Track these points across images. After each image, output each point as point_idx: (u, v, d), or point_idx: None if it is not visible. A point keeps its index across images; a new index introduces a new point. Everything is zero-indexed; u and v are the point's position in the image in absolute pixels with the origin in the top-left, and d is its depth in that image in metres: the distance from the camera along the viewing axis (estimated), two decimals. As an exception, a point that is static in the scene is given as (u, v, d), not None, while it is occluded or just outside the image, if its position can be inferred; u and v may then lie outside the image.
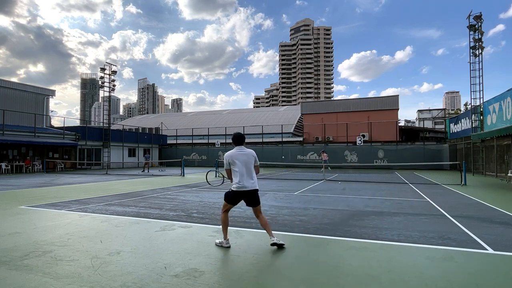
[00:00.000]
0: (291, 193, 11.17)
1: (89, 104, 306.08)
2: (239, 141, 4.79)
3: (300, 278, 3.39)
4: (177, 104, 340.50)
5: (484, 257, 4.14)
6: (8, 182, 15.63)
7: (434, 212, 7.37)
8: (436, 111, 61.41)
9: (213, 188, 12.60)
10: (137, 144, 36.49)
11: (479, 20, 20.37)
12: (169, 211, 7.41)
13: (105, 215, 6.91)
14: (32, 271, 3.54)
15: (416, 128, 42.20)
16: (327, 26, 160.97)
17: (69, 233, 5.29)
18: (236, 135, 4.86)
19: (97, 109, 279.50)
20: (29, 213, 7.15)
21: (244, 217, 6.71)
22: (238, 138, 4.81)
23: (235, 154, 4.66)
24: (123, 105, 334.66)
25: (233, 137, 4.89)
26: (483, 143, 20.31)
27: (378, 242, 4.80)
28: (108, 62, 32.32)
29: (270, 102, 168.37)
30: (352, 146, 31.88)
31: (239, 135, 4.85)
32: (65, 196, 10.25)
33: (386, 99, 35.89)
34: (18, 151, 25.42)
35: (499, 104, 16.53)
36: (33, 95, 29.52)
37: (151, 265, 3.74)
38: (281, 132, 38.20)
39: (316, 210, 7.69)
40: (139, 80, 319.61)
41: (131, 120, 69.19)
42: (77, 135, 29.23)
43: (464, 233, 5.33)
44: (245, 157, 4.65)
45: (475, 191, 11.68)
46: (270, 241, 4.47)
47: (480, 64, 20.68)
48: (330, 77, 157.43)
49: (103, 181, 16.41)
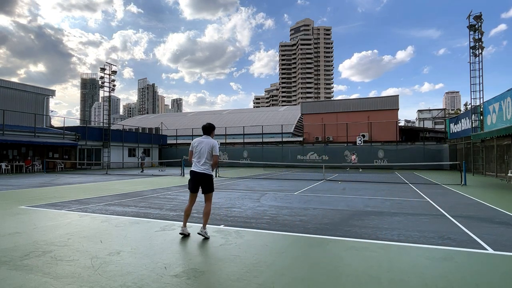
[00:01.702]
0: (291, 193, 11.17)
1: (89, 104, 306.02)
2: (205, 131, 5.30)
3: (300, 278, 3.39)
4: (177, 104, 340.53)
5: (484, 257, 4.14)
6: (8, 182, 15.63)
7: (434, 212, 7.37)
8: (436, 111, 61.43)
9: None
10: (137, 144, 36.48)
11: (479, 20, 20.38)
12: (169, 211, 7.41)
13: (105, 215, 6.91)
14: (32, 271, 3.54)
15: (416, 128, 42.20)
16: (327, 26, 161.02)
17: (69, 233, 5.29)
18: (203, 125, 5.36)
19: (97, 109, 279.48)
20: (29, 213, 7.15)
21: (244, 217, 6.71)
22: (204, 128, 5.32)
23: (197, 141, 5.20)
24: (123, 105, 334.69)
25: (202, 127, 5.43)
26: (483, 143, 20.31)
27: (378, 242, 4.80)
28: (108, 62, 32.35)
29: (270, 102, 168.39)
30: (352, 146, 31.88)
31: (205, 125, 5.34)
32: (65, 196, 10.25)
33: (386, 99, 35.89)
34: (18, 151, 25.41)
35: (499, 104, 16.53)
36: (33, 95, 29.52)
37: (151, 265, 3.74)
38: (281, 132, 38.20)
39: (316, 210, 7.69)
40: (139, 80, 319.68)
41: (131, 120, 69.18)
42: (77, 135, 29.23)
43: (464, 233, 5.33)
44: (203, 144, 5.11)
45: (475, 191, 11.68)
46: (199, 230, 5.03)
47: (480, 64, 20.70)
48: (330, 77, 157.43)
49: (103, 181, 16.41)
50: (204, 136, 5.25)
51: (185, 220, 5.20)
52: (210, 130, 5.28)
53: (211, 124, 5.35)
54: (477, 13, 20.44)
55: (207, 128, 5.29)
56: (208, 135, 5.25)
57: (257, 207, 8.04)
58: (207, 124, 5.35)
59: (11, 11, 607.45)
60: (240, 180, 17.19)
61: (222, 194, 10.92)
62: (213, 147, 5.09)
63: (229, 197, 9.99)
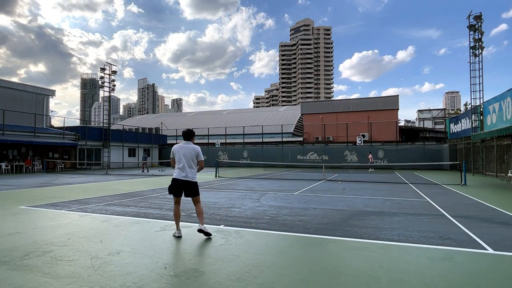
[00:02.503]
0: (291, 193, 11.17)
1: (89, 104, 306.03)
2: (186, 136, 5.26)
3: (300, 278, 3.39)
4: (177, 104, 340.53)
5: (484, 257, 4.14)
6: (8, 182, 15.63)
7: (434, 212, 7.37)
8: (436, 111, 61.42)
9: (213, 188, 12.62)
10: (137, 144, 36.49)
11: (479, 20, 20.38)
12: (169, 211, 7.41)
13: (105, 215, 6.91)
14: (32, 271, 3.54)
15: (416, 128, 42.21)
16: (327, 26, 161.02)
17: (69, 233, 5.29)
18: (184, 131, 5.33)
19: (97, 109, 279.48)
20: (29, 213, 7.15)
21: (244, 217, 6.71)
22: (185, 133, 5.28)
23: (178, 147, 5.15)
24: (123, 105, 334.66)
25: (182, 132, 5.42)
26: (483, 143, 20.31)
27: (378, 242, 4.80)
28: (108, 62, 32.37)
29: (270, 102, 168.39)
30: (352, 146, 31.88)
31: (186, 131, 5.31)
32: (65, 196, 10.25)
33: (386, 99, 35.91)
34: (18, 151, 25.42)
35: (499, 104, 16.53)
36: (33, 95, 29.53)
37: (151, 265, 3.74)
38: (281, 132, 38.21)
39: (316, 210, 7.69)
40: (139, 80, 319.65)
41: (131, 120, 69.21)
42: (77, 135, 29.23)
43: (464, 233, 5.33)
44: (185, 150, 5.07)
45: (475, 191, 11.68)
46: (199, 227, 5.02)
47: (480, 64, 20.71)
48: (330, 77, 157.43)
49: (103, 181, 16.41)
50: (185, 142, 5.21)
51: (178, 222, 5.19)
52: (191, 136, 5.25)
53: (191, 130, 5.33)
54: (477, 13, 20.45)
55: (188, 134, 5.25)
56: (189, 140, 5.22)
57: (257, 207, 8.04)
58: (187, 130, 5.31)
59: (11, 11, 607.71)
60: (240, 180, 17.19)
61: (222, 194, 10.92)
62: (197, 153, 5.11)
63: (229, 197, 9.99)
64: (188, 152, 5.05)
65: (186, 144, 5.17)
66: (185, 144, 5.17)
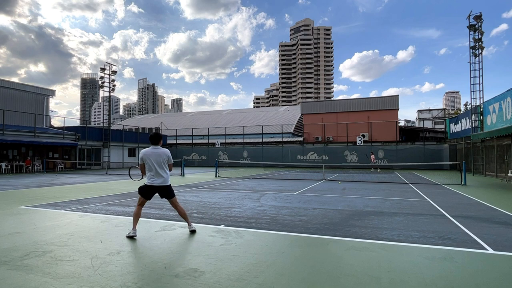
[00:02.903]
0: (291, 193, 11.18)
1: (89, 104, 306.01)
2: (153, 141, 5.16)
3: (300, 278, 3.39)
4: (177, 104, 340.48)
5: (484, 257, 4.14)
6: (8, 182, 15.64)
7: (434, 212, 7.37)
8: (436, 111, 61.39)
9: (213, 188, 12.62)
10: (137, 144, 36.49)
11: (479, 20, 20.38)
12: (169, 211, 7.41)
13: (105, 215, 6.91)
14: (32, 271, 3.54)
15: (416, 128, 42.20)
16: (327, 26, 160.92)
17: (69, 233, 5.29)
18: (151, 135, 5.21)
19: (97, 109, 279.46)
20: (29, 213, 7.15)
21: (244, 217, 6.71)
22: (152, 138, 5.18)
23: (148, 152, 5.06)
24: (123, 105, 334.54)
25: (149, 137, 5.25)
26: (483, 143, 20.31)
27: (378, 242, 4.80)
28: (108, 62, 32.37)
29: (270, 102, 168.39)
30: (352, 146, 31.89)
31: (154, 135, 5.18)
32: (65, 196, 10.25)
33: (386, 99, 35.90)
34: (18, 151, 25.42)
35: (499, 104, 16.53)
36: (33, 95, 29.53)
37: (151, 265, 3.74)
38: (281, 132, 38.20)
39: (316, 210, 7.69)
40: (139, 80, 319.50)
41: (131, 120, 69.21)
42: (77, 135, 29.24)
43: (464, 233, 5.33)
44: (156, 155, 5.03)
45: (475, 191, 11.68)
46: (189, 228, 5.28)
47: (480, 64, 20.71)
48: (330, 77, 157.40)
49: (103, 181, 16.42)
50: (153, 146, 5.13)
51: (136, 222, 5.12)
52: (158, 140, 5.17)
53: (159, 134, 5.24)
54: (477, 13, 20.45)
55: (155, 138, 5.15)
56: (157, 144, 5.15)
57: (257, 207, 8.05)
58: (154, 134, 5.20)
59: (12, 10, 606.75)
60: (240, 180, 17.19)
61: (222, 194, 10.92)
62: (168, 157, 5.14)
63: (229, 197, 9.99)
64: (159, 158, 5.03)
65: (156, 149, 5.09)
66: (154, 149, 5.09)
